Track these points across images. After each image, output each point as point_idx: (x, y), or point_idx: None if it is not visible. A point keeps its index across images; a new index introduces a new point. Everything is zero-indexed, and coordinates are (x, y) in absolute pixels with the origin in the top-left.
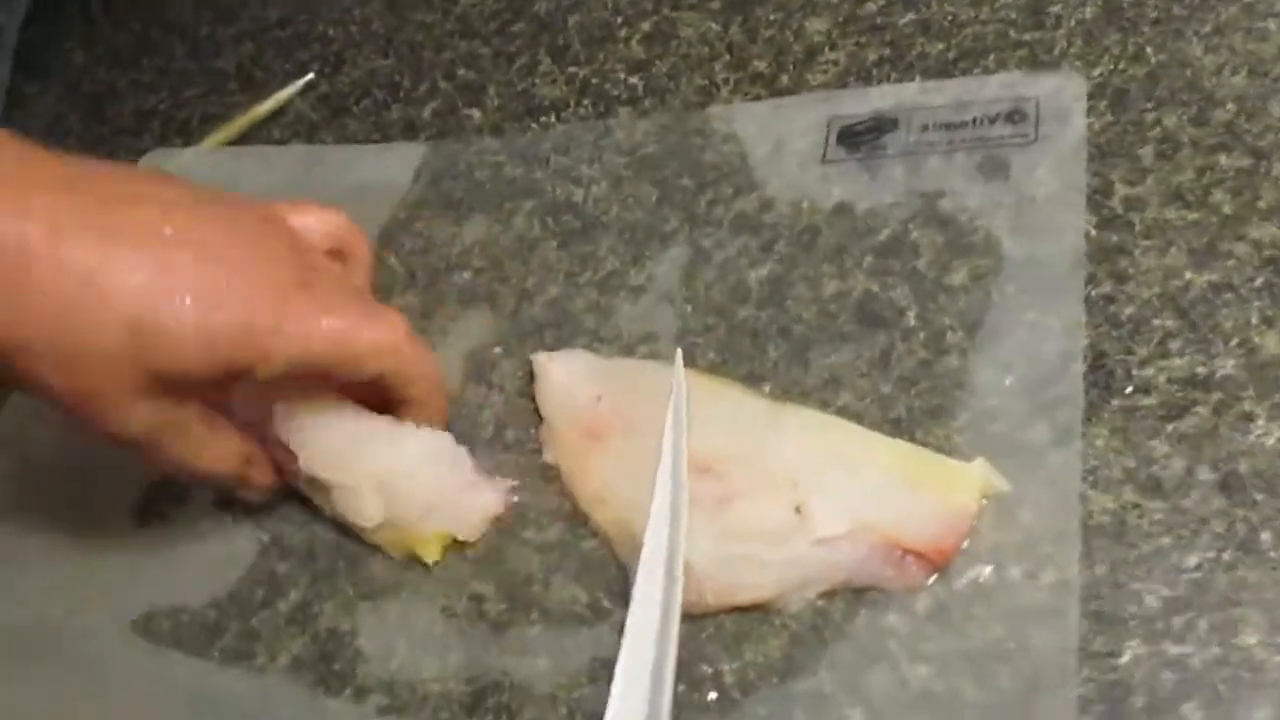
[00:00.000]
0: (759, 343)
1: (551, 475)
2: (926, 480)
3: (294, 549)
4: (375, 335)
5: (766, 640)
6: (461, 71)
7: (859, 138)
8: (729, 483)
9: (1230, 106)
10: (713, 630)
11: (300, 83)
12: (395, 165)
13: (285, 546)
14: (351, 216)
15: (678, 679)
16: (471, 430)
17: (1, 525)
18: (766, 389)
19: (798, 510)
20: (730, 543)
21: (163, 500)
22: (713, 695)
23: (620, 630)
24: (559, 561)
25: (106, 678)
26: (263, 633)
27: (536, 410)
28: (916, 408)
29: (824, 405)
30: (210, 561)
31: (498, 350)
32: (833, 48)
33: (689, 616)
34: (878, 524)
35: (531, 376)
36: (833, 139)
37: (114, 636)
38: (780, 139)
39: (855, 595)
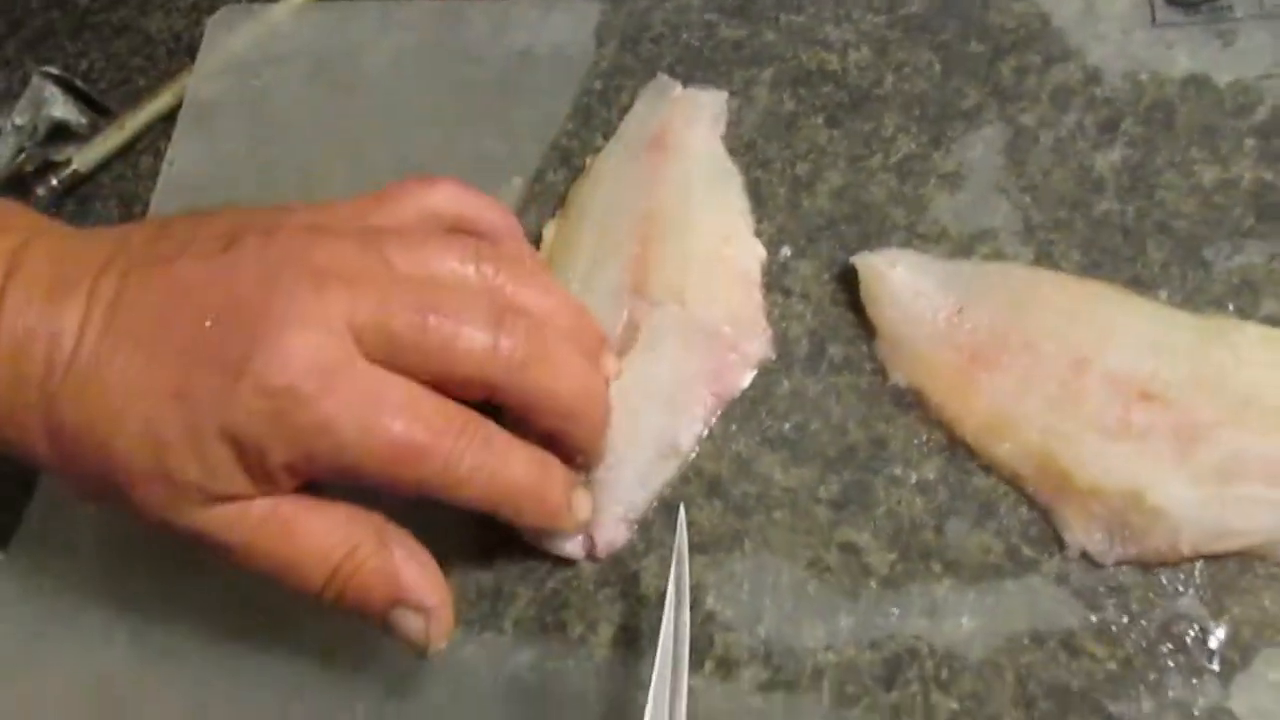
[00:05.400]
0: (1134, 241)
1: (908, 400)
2: None
3: None
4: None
5: (1257, 594)
6: None
7: None
8: (1187, 411)
9: None
10: (1181, 583)
11: None
12: (568, 27)
13: None
14: (528, 90)
15: (1157, 640)
16: (783, 349)
17: None
18: (1163, 296)
19: None
20: (1213, 483)
21: None
22: (1207, 659)
23: (1058, 580)
24: (949, 503)
25: (373, 655)
26: (568, 598)
27: (861, 322)
28: None
29: (1242, 315)
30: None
31: (786, 251)
32: None
33: (1151, 566)
34: None
35: (843, 282)
36: None
37: None
38: None
39: None
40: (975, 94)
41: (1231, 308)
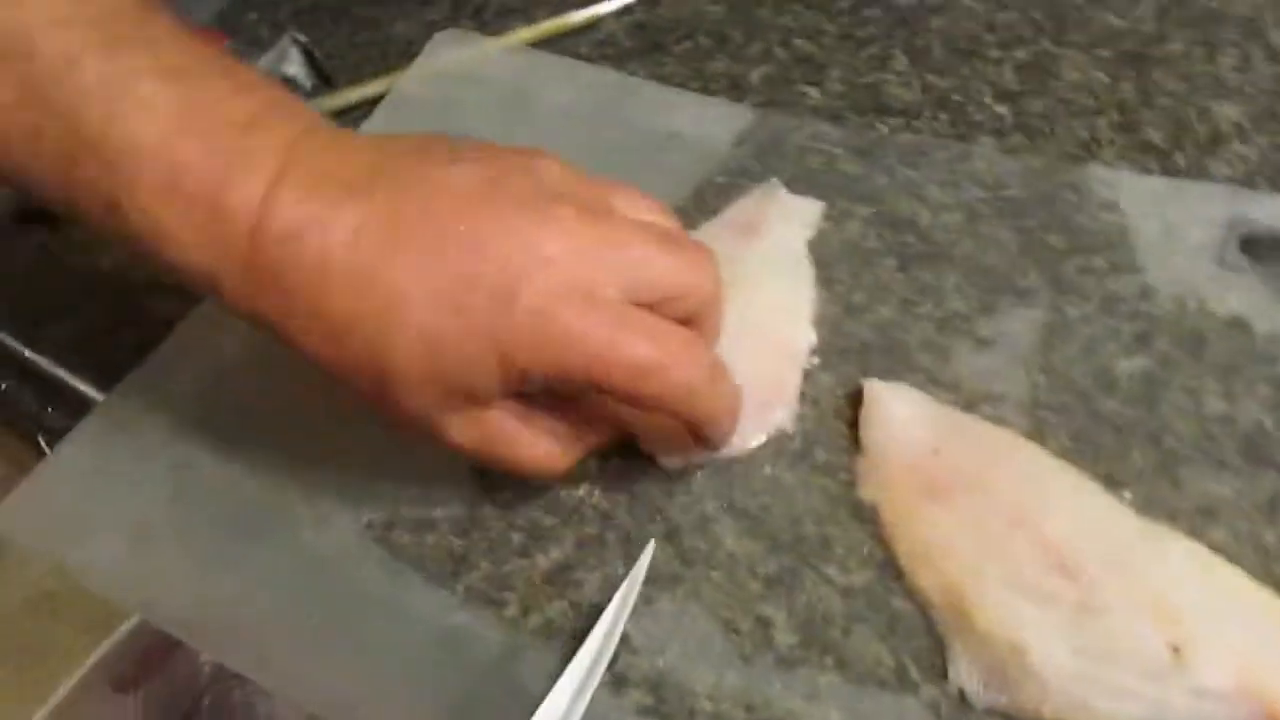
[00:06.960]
0: (1123, 442)
1: (866, 515)
2: None
3: (560, 504)
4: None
5: None
6: (800, 42)
7: (1266, 249)
8: (1094, 592)
9: None
10: None
11: (620, 1)
12: (717, 122)
13: (552, 500)
14: (663, 165)
15: None
16: (777, 439)
17: (251, 400)
18: (1127, 496)
19: (1176, 650)
20: (1092, 661)
21: None
22: None
23: (929, 707)
24: (864, 611)
25: (341, 580)
26: (515, 583)
27: (853, 438)
28: None
29: (1192, 534)
30: (464, 480)
31: (815, 360)
32: (1244, 140)
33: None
34: (1268, 689)
35: (852, 400)
36: (1234, 242)
37: (351, 537)
38: (1172, 225)
39: None
40: (1035, 277)
41: (1185, 525)
